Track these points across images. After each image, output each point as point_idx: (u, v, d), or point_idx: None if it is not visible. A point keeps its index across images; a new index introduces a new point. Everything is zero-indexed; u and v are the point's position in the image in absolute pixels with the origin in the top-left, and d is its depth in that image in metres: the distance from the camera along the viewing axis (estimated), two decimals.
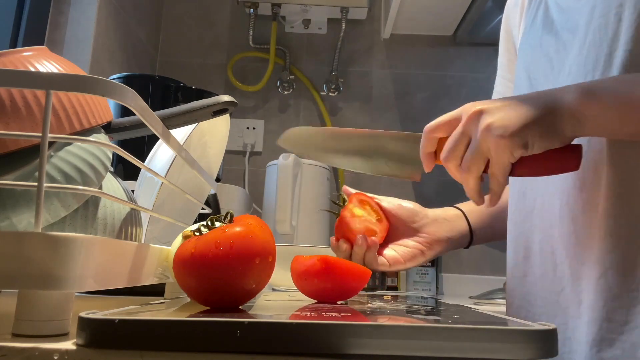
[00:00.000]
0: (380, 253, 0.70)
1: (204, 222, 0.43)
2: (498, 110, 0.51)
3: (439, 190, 1.80)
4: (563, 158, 0.51)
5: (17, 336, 0.31)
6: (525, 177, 0.55)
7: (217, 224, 0.43)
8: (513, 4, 0.80)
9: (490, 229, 0.77)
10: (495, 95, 0.85)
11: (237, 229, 0.40)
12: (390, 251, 0.71)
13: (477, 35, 1.79)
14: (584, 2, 0.59)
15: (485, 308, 1.08)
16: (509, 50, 0.82)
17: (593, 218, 0.55)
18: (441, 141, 0.56)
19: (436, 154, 0.57)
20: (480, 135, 0.50)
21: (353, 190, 0.74)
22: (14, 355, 0.29)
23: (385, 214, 0.73)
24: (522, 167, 0.51)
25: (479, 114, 0.51)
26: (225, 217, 0.43)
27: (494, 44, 1.99)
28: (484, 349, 0.30)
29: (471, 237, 0.76)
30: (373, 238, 0.68)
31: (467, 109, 0.53)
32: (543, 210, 0.62)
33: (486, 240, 0.78)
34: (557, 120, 0.49)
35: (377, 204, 0.73)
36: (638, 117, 0.49)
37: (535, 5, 0.71)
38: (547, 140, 0.50)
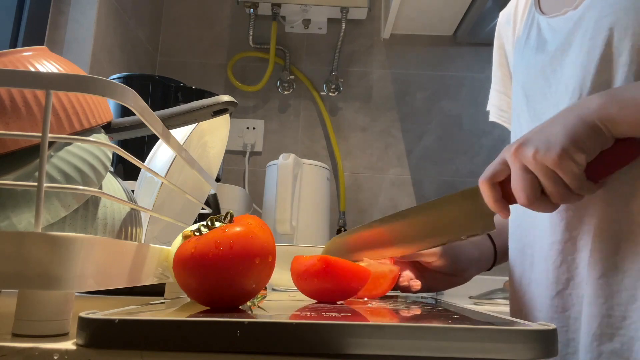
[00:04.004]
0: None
1: (204, 222, 0.43)
2: (534, 138, 0.52)
3: (439, 190, 1.80)
4: (622, 152, 0.52)
5: (17, 336, 0.31)
6: (606, 175, 0.53)
7: (217, 224, 0.43)
8: (505, 20, 0.81)
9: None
10: (490, 107, 0.86)
11: (237, 229, 0.40)
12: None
13: (477, 35, 1.79)
14: (573, 23, 0.62)
15: (485, 308, 1.08)
16: (502, 64, 0.84)
17: (591, 223, 0.57)
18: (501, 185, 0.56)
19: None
20: (536, 162, 0.50)
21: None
22: (14, 355, 0.29)
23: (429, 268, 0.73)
24: (595, 166, 0.51)
25: (519, 148, 0.52)
26: (225, 217, 0.43)
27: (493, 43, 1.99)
28: (484, 349, 0.30)
29: (495, 258, 0.78)
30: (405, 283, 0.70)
31: (507, 150, 0.54)
32: (541, 220, 0.64)
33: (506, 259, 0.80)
34: (593, 125, 0.50)
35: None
36: None
37: (527, 25, 0.72)
38: (597, 141, 0.50)
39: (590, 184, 0.51)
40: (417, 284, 0.69)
